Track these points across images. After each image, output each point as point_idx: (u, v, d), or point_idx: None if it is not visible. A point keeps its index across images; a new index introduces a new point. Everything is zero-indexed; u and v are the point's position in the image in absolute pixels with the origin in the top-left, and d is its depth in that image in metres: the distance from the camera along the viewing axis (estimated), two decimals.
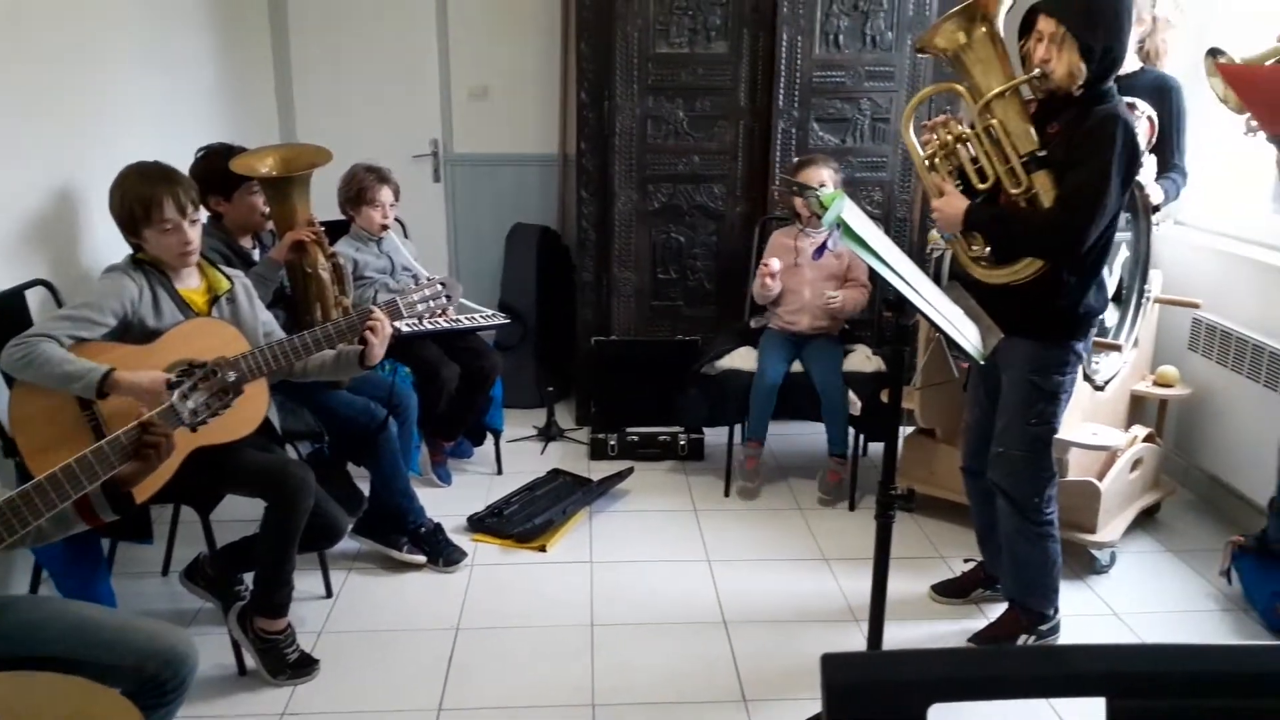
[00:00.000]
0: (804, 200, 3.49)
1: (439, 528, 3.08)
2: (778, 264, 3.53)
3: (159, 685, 1.67)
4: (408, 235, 3.76)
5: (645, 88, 3.86)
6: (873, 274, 3.21)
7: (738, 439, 3.58)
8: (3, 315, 2.44)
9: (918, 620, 2.77)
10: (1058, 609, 2.61)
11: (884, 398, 3.23)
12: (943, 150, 2.38)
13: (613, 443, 3.86)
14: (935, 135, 2.39)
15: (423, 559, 3.02)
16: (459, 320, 3.62)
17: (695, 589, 2.93)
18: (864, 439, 3.77)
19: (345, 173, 3.46)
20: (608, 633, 2.70)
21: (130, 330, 2.26)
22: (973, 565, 2.89)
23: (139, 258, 2.34)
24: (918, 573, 2.97)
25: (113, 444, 1.60)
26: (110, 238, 2.49)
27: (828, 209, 1.81)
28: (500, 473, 3.74)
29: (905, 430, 3.39)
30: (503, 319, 3.81)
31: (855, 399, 3.45)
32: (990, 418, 2.54)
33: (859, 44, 3.83)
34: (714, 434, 3.84)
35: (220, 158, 2.84)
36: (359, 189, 3.42)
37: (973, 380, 2.64)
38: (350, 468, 3.14)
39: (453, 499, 3.47)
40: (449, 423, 3.56)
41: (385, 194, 3.44)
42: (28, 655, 1.61)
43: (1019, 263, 2.32)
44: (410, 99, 4.61)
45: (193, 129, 3.56)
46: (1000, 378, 2.49)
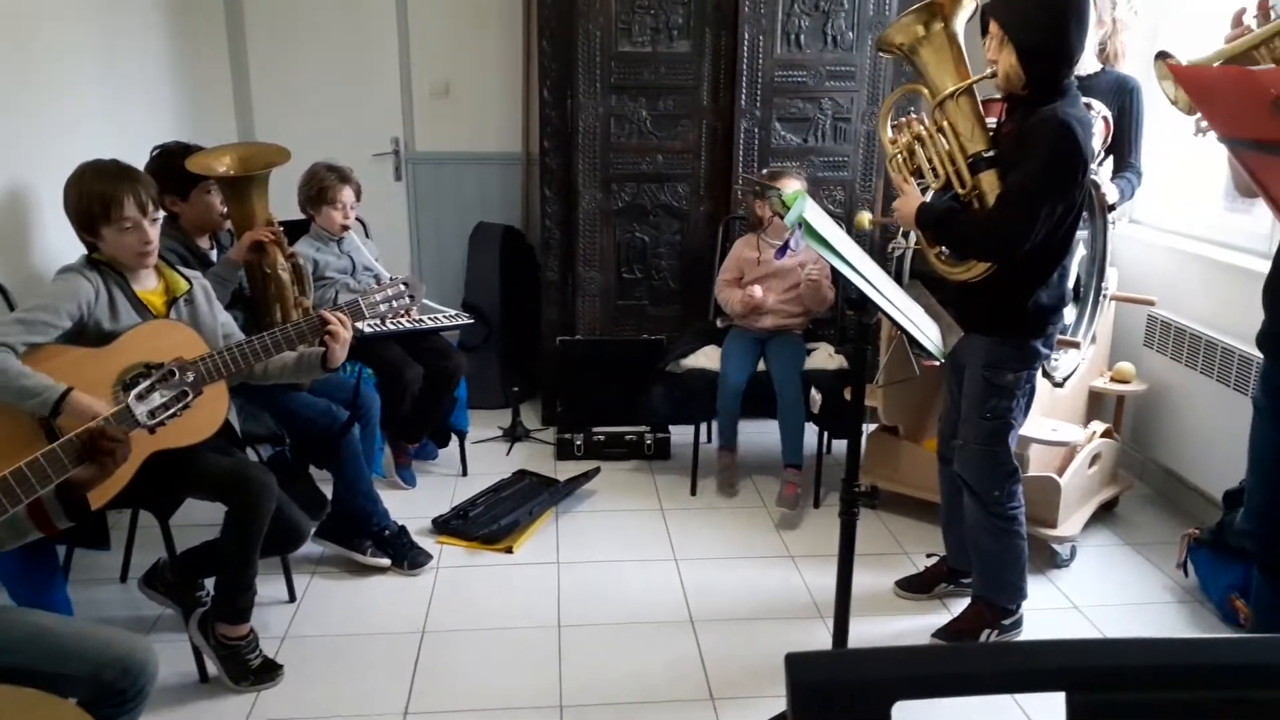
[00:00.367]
0: (765, 201, 3.50)
1: (403, 530, 3.06)
2: (759, 291, 3.50)
3: (117, 694, 1.65)
4: (369, 235, 3.72)
5: (608, 86, 3.86)
6: (835, 273, 3.21)
7: (704, 438, 3.57)
8: None
9: (882, 616, 2.79)
10: (1020, 604, 2.64)
11: (847, 396, 3.26)
12: (905, 150, 2.41)
13: (579, 442, 3.86)
14: (902, 135, 2.42)
15: (387, 562, 2.99)
16: (422, 321, 3.59)
17: (662, 588, 2.93)
18: (828, 436, 3.79)
19: (305, 172, 3.43)
20: (575, 633, 2.69)
21: (86, 332, 2.21)
22: (935, 560, 2.93)
23: (95, 258, 2.28)
24: (882, 569, 3.00)
25: (65, 446, 1.56)
26: (62, 238, 2.44)
27: (789, 209, 1.82)
28: (465, 474, 3.72)
29: (869, 428, 3.43)
30: (466, 319, 3.78)
31: (816, 394, 3.45)
32: (960, 410, 2.58)
33: (820, 44, 3.85)
34: (680, 432, 3.85)
35: (176, 156, 2.79)
36: (320, 188, 3.38)
37: (946, 372, 2.67)
38: (313, 471, 3.11)
39: (417, 501, 3.45)
40: (413, 424, 3.53)
41: (346, 194, 3.41)
42: None
43: (970, 260, 2.36)
44: (370, 96, 4.56)
45: (147, 127, 3.50)
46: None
